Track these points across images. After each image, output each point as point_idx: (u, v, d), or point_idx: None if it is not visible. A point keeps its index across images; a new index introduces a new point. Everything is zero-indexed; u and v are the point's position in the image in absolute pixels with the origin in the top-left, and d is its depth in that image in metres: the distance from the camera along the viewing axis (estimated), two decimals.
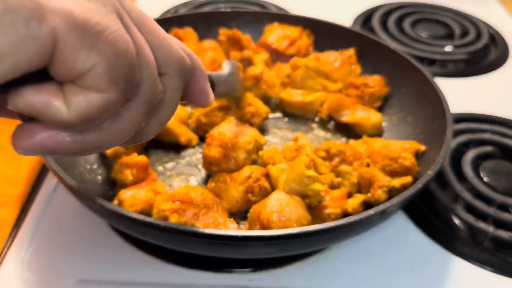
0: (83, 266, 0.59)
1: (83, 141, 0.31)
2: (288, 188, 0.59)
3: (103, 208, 0.50)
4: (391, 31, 1.11)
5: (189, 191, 0.58)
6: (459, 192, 0.68)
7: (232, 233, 0.49)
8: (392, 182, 0.63)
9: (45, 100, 0.28)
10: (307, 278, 0.59)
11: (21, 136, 0.30)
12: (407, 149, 0.66)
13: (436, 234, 0.65)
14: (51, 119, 0.29)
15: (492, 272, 0.61)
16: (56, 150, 0.31)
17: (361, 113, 0.77)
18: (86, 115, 0.29)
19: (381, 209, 0.52)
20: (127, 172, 0.62)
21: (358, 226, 0.53)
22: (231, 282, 0.58)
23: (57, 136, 0.30)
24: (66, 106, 0.29)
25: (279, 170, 0.62)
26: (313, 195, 0.58)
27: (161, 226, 0.48)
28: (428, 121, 0.72)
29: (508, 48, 1.11)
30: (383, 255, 0.62)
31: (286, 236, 0.49)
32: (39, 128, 0.30)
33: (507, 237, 0.63)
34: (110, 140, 0.33)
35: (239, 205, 0.62)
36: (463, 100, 0.90)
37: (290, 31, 0.88)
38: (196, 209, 0.56)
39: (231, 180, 0.63)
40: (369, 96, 0.79)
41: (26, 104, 0.28)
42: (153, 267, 0.59)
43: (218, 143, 0.64)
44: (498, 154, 0.76)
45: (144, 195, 0.59)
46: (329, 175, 0.63)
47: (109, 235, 0.63)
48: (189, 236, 0.48)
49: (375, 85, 0.80)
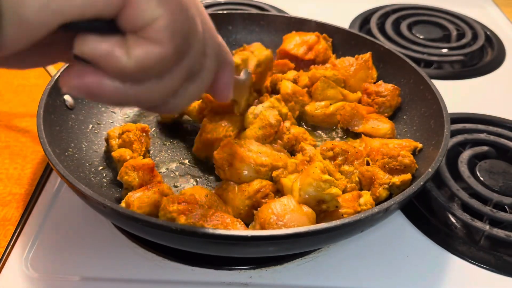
0: (86, 264, 0.60)
1: (125, 92, 0.33)
2: (304, 193, 0.58)
3: (114, 212, 0.51)
4: (389, 33, 1.12)
5: (195, 192, 0.59)
6: (456, 191, 0.69)
7: (244, 234, 0.49)
8: (393, 179, 0.64)
9: (109, 48, 0.31)
10: (307, 275, 0.60)
11: (70, 76, 0.33)
12: (405, 147, 0.67)
13: (433, 232, 0.66)
14: (111, 65, 0.31)
15: (488, 270, 0.62)
16: (97, 95, 0.33)
17: (373, 123, 0.76)
18: (142, 66, 0.32)
19: (385, 207, 0.53)
20: (133, 175, 0.62)
21: (363, 224, 0.54)
22: (231, 279, 0.59)
23: (103, 82, 0.33)
24: (127, 56, 0.31)
25: (291, 179, 0.61)
26: (330, 199, 0.58)
27: (173, 228, 0.49)
28: (425, 119, 0.74)
29: (504, 49, 1.12)
30: (380, 252, 0.63)
31: (296, 235, 0.49)
32: (89, 72, 0.32)
33: (503, 235, 0.65)
34: (149, 97, 0.35)
35: (242, 216, 0.61)
36: (460, 101, 0.91)
37: (308, 37, 0.88)
38: (203, 210, 0.56)
39: (239, 190, 0.62)
40: (379, 106, 0.79)
41: (91, 50, 0.31)
42: (155, 265, 0.60)
43: (229, 150, 0.63)
44: (494, 154, 0.78)
45: (151, 197, 0.59)
46: (343, 181, 0.64)
47: (112, 233, 0.64)
48: (201, 237, 0.49)
49: (388, 94, 0.79)
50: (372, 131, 0.75)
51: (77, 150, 0.69)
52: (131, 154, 0.67)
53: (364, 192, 0.63)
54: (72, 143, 0.69)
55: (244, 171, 0.62)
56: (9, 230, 0.64)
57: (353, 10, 1.24)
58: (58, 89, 0.66)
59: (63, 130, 0.69)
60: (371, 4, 1.27)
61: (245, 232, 0.50)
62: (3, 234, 0.64)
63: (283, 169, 0.64)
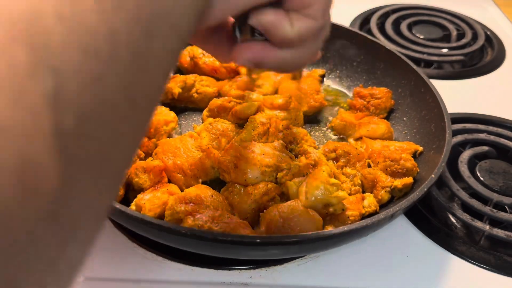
0: (88, 264, 0.59)
1: (284, 57, 0.42)
2: (311, 196, 0.58)
3: (123, 214, 0.51)
4: (389, 33, 1.12)
5: (200, 191, 0.58)
6: (456, 191, 0.69)
7: (253, 238, 0.50)
8: (395, 182, 0.64)
9: (279, 19, 0.39)
10: (307, 275, 0.60)
11: (242, 50, 0.42)
12: (405, 150, 0.67)
13: (433, 233, 0.66)
14: (278, 33, 0.39)
15: (488, 270, 0.62)
16: (264, 62, 0.42)
17: (367, 127, 0.75)
18: (301, 35, 0.40)
19: (391, 213, 0.54)
20: (144, 177, 0.62)
21: (369, 229, 0.55)
22: (231, 279, 0.59)
23: (267, 52, 0.41)
24: (291, 27, 0.39)
25: (297, 182, 0.61)
26: (337, 202, 0.58)
27: (182, 232, 0.49)
28: (425, 122, 0.73)
29: (504, 49, 1.12)
30: (380, 252, 0.63)
31: (305, 241, 0.50)
32: (255, 45, 0.41)
33: (503, 235, 0.64)
34: (299, 61, 0.43)
35: (249, 220, 0.60)
36: (460, 101, 0.91)
37: None
38: (209, 211, 0.55)
39: (245, 194, 0.61)
40: (375, 107, 0.78)
41: (265, 20, 0.38)
42: (155, 265, 0.60)
43: (234, 153, 0.63)
44: (494, 154, 0.78)
45: (161, 198, 0.59)
46: (348, 184, 0.64)
47: (112, 233, 0.63)
48: (210, 241, 0.49)
49: (382, 96, 0.79)
50: (369, 134, 0.75)
51: None
52: None
53: (367, 195, 0.64)
54: None
55: (250, 172, 0.62)
56: None
57: (353, 10, 1.24)
58: None
59: None
60: (371, 4, 1.27)
61: (253, 237, 0.50)
62: None
63: (287, 170, 0.64)
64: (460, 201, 0.69)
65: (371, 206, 0.61)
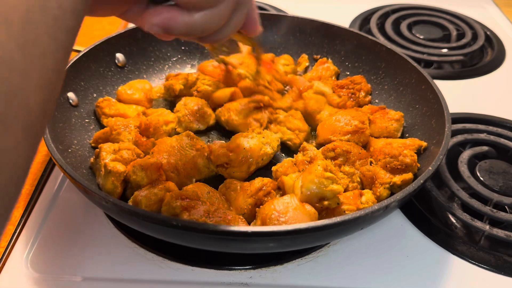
0: (86, 264, 0.60)
1: (193, 22, 0.42)
2: (306, 190, 0.58)
3: (116, 207, 0.51)
4: (389, 34, 1.12)
5: (197, 188, 0.59)
6: (456, 191, 0.69)
7: (244, 229, 0.49)
8: (394, 179, 0.64)
9: None
10: (307, 275, 0.60)
11: (151, 15, 0.42)
12: (408, 146, 0.67)
13: (433, 232, 0.66)
14: None
15: (488, 270, 0.62)
16: (172, 27, 0.42)
17: (377, 129, 0.75)
18: None
19: (385, 204, 0.53)
20: (142, 174, 0.62)
21: (363, 221, 0.54)
22: (231, 279, 0.59)
23: (175, 17, 0.42)
24: None
25: (292, 178, 0.62)
26: (332, 196, 0.58)
27: (174, 223, 0.49)
28: (426, 118, 0.74)
29: (504, 49, 1.12)
30: (380, 252, 0.63)
31: (296, 231, 0.50)
32: (164, 10, 0.42)
33: (503, 235, 0.65)
34: (209, 25, 0.43)
35: (246, 216, 0.61)
36: (460, 101, 0.91)
37: None
38: (205, 206, 0.56)
39: (242, 189, 0.63)
40: (359, 91, 0.81)
41: None
42: (155, 265, 0.60)
43: (223, 158, 0.67)
44: (494, 154, 0.78)
45: (158, 194, 0.60)
46: (345, 180, 0.64)
47: (112, 233, 0.64)
48: (202, 233, 0.49)
49: (360, 81, 0.82)
50: (382, 131, 0.75)
51: (80, 147, 0.69)
52: None
53: (366, 191, 0.64)
54: (75, 140, 0.70)
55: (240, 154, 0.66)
56: (9, 230, 0.64)
57: (353, 10, 1.24)
58: (62, 87, 0.66)
59: (66, 127, 0.69)
60: (371, 4, 1.27)
61: (245, 227, 0.50)
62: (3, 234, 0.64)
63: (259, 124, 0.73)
64: (460, 201, 0.69)
65: (369, 202, 0.61)
